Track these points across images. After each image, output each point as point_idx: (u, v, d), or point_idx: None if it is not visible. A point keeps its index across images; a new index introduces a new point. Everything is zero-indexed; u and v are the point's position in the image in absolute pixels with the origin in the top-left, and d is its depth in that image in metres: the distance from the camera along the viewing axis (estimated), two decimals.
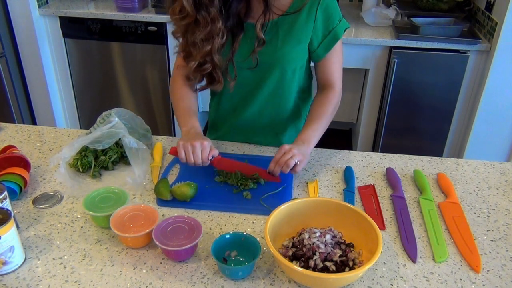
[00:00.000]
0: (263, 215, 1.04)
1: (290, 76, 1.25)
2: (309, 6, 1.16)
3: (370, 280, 0.87)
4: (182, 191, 1.06)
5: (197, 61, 1.17)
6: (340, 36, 1.21)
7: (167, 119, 3.02)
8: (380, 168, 1.25)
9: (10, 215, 0.85)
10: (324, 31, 1.20)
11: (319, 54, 1.23)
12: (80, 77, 2.98)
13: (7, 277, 0.87)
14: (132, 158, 1.15)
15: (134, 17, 2.66)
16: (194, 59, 1.17)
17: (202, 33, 1.11)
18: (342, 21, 1.21)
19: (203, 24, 1.10)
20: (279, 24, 1.18)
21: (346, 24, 1.22)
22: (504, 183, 1.19)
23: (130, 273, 0.88)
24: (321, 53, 1.22)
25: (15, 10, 2.68)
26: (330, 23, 1.19)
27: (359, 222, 0.92)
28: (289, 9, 1.17)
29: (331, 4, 1.17)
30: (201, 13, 1.08)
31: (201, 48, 1.14)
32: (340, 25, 1.20)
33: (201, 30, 1.11)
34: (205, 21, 1.10)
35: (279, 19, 1.18)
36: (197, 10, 1.08)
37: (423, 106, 2.60)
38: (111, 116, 1.22)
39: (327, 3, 1.16)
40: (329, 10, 1.17)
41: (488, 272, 0.90)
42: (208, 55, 1.15)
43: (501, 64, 2.34)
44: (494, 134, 2.54)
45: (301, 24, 1.17)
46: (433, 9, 2.67)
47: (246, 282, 0.86)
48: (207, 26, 1.10)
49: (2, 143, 1.31)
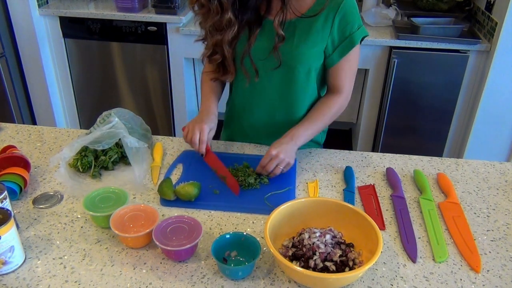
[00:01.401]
0: (263, 215, 1.04)
1: (303, 78, 1.24)
2: (327, 11, 1.16)
3: (370, 280, 0.87)
4: (186, 191, 1.06)
5: (209, 50, 1.23)
6: (357, 43, 1.20)
7: (167, 119, 3.02)
8: (380, 168, 1.25)
9: (10, 215, 0.85)
10: (341, 36, 1.19)
11: (333, 59, 1.22)
12: (80, 77, 2.98)
13: (7, 277, 0.87)
14: (132, 158, 1.15)
15: (134, 17, 2.66)
16: (207, 47, 1.24)
17: (211, 22, 1.16)
18: (361, 29, 1.20)
19: (214, 13, 1.15)
20: (296, 24, 1.19)
21: (364, 31, 1.21)
22: (504, 183, 1.19)
23: (130, 273, 0.88)
24: (336, 58, 1.22)
25: (15, 10, 2.68)
26: (348, 29, 1.18)
27: (359, 222, 0.92)
28: (308, 12, 1.18)
29: (351, 11, 1.17)
30: (213, 2, 1.12)
31: (212, 37, 1.20)
32: (358, 32, 1.19)
33: (210, 18, 1.16)
34: (215, 11, 1.14)
35: (297, 20, 1.18)
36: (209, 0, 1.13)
37: (423, 106, 2.60)
38: (111, 116, 1.22)
39: (346, 11, 1.16)
40: (347, 17, 1.17)
41: (488, 272, 0.90)
42: (219, 45, 1.20)
43: (501, 64, 2.34)
44: (494, 134, 2.54)
45: (318, 28, 1.18)
46: (433, 9, 2.67)
47: (246, 282, 0.86)
48: (216, 15, 1.14)
49: (2, 143, 1.31)
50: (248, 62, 1.23)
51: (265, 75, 1.25)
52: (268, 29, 1.20)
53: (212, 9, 1.14)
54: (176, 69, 2.77)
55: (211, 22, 1.16)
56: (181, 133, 1.21)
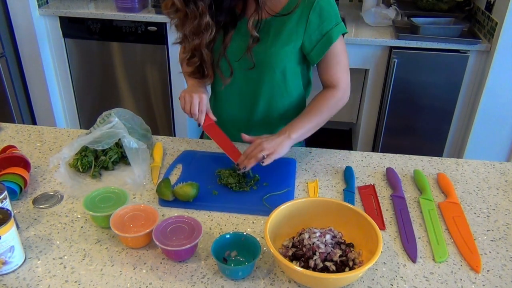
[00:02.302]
0: (263, 215, 1.04)
1: (279, 77, 1.25)
2: (302, 9, 1.15)
3: (370, 280, 0.87)
4: (184, 192, 1.06)
5: (188, 53, 1.22)
6: (334, 40, 1.18)
7: (167, 119, 3.02)
8: (380, 168, 1.25)
9: (10, 215, 0.85)
10: (318, 35, 1.18)
11: (313, 58, 1.23)
12: (80, 77, 2.98)
13: (7, 277, 0.87)
14: (132, 158, 1.15)
15: (134, 17, 2.66)
16: (186, 51, 1.23)
17: (190, 26, 1.14)
18: (339, 25, 1.18)
19: (191, 18, 1.13)
20: (271, 23, 1.18)
21: (343, 28, 1.19)
22: (504, 183, 1.19)
23: (130, 273, 0.88)
24: (315, 57, 1.22)
25: (15, 10, 2.68)
26: (324, 27, 1.17)
27: (359, 222, 0.92)
28: (282, 11, 1.17)
29: (327, 8, 1.16)
30: (190, 6, 1.11)
31: (190, 42, 1.18)
32: (335, 29, 1.18)
33: (189, 23, 1.14)
34: (193, 15, 1.12)
35: (272, 19, 1.18)
36: (186, 4, 1.11)
37: (423, 106, 2.60)
38: (111, 116, 1.22)
39: (321, 7, 1.15)
40: (323, 13, 1.16)
41: (488, 272, 0.90)
42: (197, 49, 1.19)
43: (501, 64, 2.34)
44: (494, 134, 2.54)
45: (292, 26, 1.17)
46: (433, 9, 2.67)
47: (246, 282, 0.86)
48: (194, 19, 1.12)
49: (2, 143, 1.31)
50: (224, 63, 1.23)
51: (242, 75, 1.25)
52: (244, 29, 1.18)
53: (190, 14, 1.12)
54: (176, 69, 2.77)
55: (189, 26, 1.14)
56: (181, 133, 1.22)
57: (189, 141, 1.36)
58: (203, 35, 1.15)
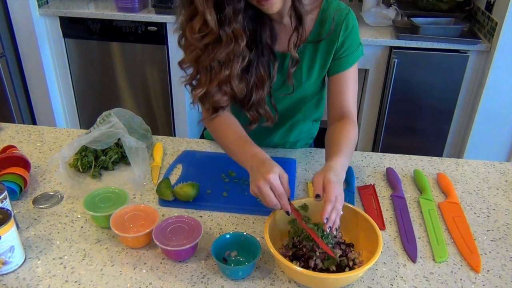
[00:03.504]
0: (263, 215, 1.04)
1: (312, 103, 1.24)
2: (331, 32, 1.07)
3: (370, 280, 0.87)
4: (185, 192, 1.06)
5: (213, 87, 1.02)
6: (354, 62, 1.10)
7: (167, 119, 3.02)
8: (380, 168, 1.24)
9: (10, 215, 0.85)
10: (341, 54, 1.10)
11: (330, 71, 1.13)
12: (80, 77, 2.98)
13: (7, 277, 0.87)
14: (132, 158, 1.15)
15: (134, 17, 2.66)
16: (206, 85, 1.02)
17: (224, 52, 0.96)
18: (360, 48, 1.11)
19: (226, 42, 0.95)
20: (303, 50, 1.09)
21: (362, 51, 1.12)
22: (504, 183, 1.19)
23: (130, 273, 0.88)
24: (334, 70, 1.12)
25: (15, 10, 2.68)
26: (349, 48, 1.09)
27: (359, 222, 0.92)
28: (312, 36, 1.08)
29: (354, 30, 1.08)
30: (225, 28, 0.94)
31: (217, 73, 0.99)
32: (357, 52, 1.10)
33: (223, 48, 0.95)
34: (228, 38, 0.94)
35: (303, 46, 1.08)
36: (220, 25, 0.93)
37: (423, 106, 2.60)
38: (111, 116, 1.22)
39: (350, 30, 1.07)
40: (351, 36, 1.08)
41: (488, 272, 0.90)
42: (225, 82, 1.01)
43: (501, 64, 2.34)
44: (494, 134, 2.54)
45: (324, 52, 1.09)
46: (433, 9, 2.67)
47: (246, 282, 0.86)
48: (230, 44, 0.95)
49: (2, 143, 1.31)
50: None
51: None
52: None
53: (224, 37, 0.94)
54: (176, 69, 2.77)
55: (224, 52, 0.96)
56: (181, 133, 1.21)
57: (189, 141, 1.36)
58: (233, 63, 0.98)
